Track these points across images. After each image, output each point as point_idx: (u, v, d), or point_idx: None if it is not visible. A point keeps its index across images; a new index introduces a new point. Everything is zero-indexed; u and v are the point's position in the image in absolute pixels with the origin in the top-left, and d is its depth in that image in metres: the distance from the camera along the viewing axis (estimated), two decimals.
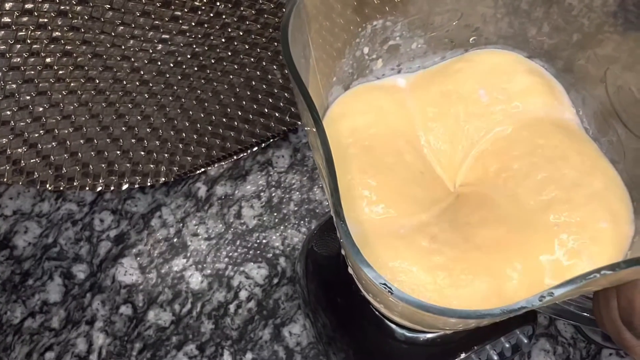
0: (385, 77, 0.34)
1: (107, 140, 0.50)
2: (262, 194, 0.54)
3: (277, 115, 0.54)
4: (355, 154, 0.32)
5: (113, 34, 0.46)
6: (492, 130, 0.32)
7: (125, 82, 0.48)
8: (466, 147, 0.32)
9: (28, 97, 0.46)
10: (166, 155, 0.52)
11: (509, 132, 0.32)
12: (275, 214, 0.53)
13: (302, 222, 0.53)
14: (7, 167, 0.47)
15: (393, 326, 0.40)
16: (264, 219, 0.53)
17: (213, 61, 0.50)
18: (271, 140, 0.54)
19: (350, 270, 0.29)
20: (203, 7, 0.46)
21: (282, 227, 0.53)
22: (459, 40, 0.33)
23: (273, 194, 0.54)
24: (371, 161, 0.31)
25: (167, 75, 0.50)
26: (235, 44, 0.50)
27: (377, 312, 0.40)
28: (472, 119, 0.32)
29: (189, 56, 0.49)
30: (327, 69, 0.31)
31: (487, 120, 0.32)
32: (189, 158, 0.53)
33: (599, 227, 0.29)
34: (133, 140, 0.51)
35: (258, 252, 0.52)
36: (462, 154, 0.32)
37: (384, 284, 0.22)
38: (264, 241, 0.52)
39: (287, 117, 0.54)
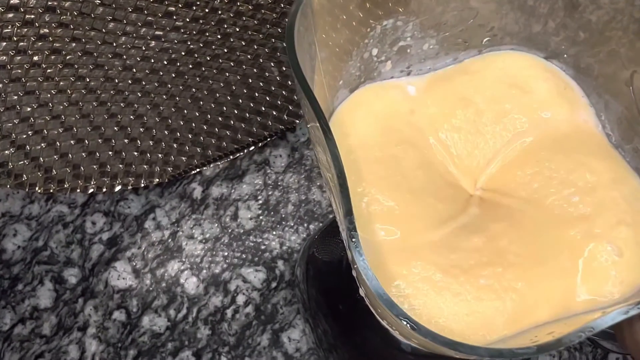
0: (393, 79, 0.31)
1: (99, 140, 0.47)
2: (259, 194, 0.51)
3: (274, 113, 0.51)
4: (364, 165, 0.29)
5: (104, 30, 0.43)
6: (512, 141, 0.29)
7: (117, 81, 0.45)
8: (484, 156, 0.30)
9: (15, 97, 0.43)
10: (160, 155, 0.49)
11: (530, 144, 0.29)
12: (272, 215, 0.50)
13: (300, 223, 0.50)
14: None
15: (399, 337, 0.38)
16: (262, 220, 0.50)
17: (208, 58, 0.47)
18: (268, 139, 0.51)
19: (362, 292, 0.27)
20: (198, 3, 0.43)
21: (280, 229, 0.50)
22: (473, 40, 0.30)
23: (270, 195, 0.51)
24: (382, 172, 0.29)
25: (161, 73, 0.46)
26: (232, 40, 0.47)
27: (382, 323, 0.38)
28: (490, 127, 0.30)
29: (183, 53, 0.46)
30: (333, 72, 0.28)
31: (506, 129, 0.30)
32: (183, 158, 0.50)
33: (622, 239, 0.27)
34: (126, 141, 0.48)
35: (255, 255, 0.49)
36: (480, 162, 0.30)
37: (407, 319, 0.19)
38: (262, 244, 0.50)
39: (285, 116, 0.51)
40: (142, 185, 0.50)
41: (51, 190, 0.47)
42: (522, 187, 0.29)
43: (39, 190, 0.46)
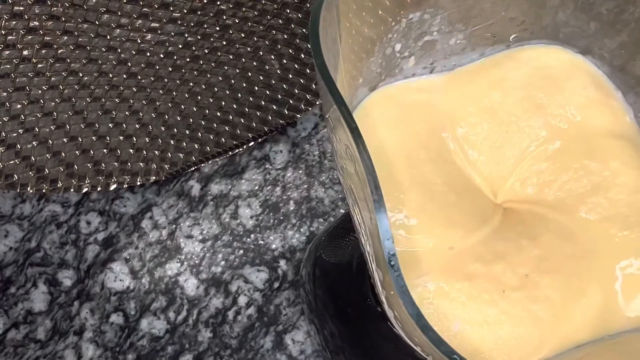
0: (415, 76, 0.28)
1: (93, 138, 0.44)
2: (259, 192, 0.48)
3: (274, 108, 0.47)
4: (385, 169, 0.26)
5: (97, 22, 0.39)
6: (542, 143, 0.27)
7: (111, 75, 0.42)
8: (511, 160, 0.27)
9: (4, 94, 0.39)
10: (157, 152, 0.46)
11: (561, 147, 0.26)
12: (274, 213, 0.47)
13: (302, 222, 0.47)
14: None
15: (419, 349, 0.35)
16: (262, 218, 0.47)
17: (207, 51, 0.44)
18: (268, 134, 0.48)
19: (389, 315, 0.24)
20: None
21: (281, 228, 0.47)
22: (502, 34, 0.27)
23: (271, 192, 0.48)
24: (404, 176, 0.26)
25: (157, 67, 0.43)
26: (231, 32, 0.43)
27: (395, 330, 0.35)
28: (519, 128, 0.27)
29: (180, 46, 0.43)
30: (353, 69, 0.25)
31: (536, 130, 0.27)
32: (181, 155, 0.47)
33: None
34: (121, 137, 0.45)
35: (257, 254, 0.46)
36: (507, 166, 0.27)
37: (456, 357, 0.17)
38: (263, 243, 0.47)
39: (285, 110, 0.48)
40: (138, 183, 0.46)
41: (44, 190, 0.43)
42: (553, 194, 0.26)
43: (31, 191, 0.43)
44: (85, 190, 0.45)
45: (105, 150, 0.44)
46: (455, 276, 0.24)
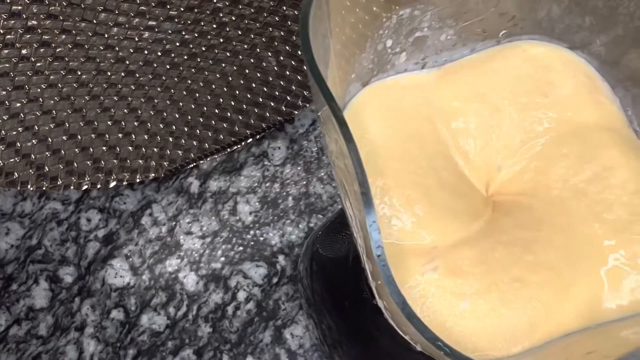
0: (407, 72, 0.28)
1: (92, 135, 0.44)
2: (257, 188, 0.48)
3: (272, 104, 0.48)
4: (378, 162, 0.26)
5: (95, 21, 0.40)
6: (532, 138, 0.27)
7: (109, 74, 0.42)
8: (501, 153, 0.27)
9: (4, 93, 0.39)
10: (155, 149, 0.46)
11: (551, 142, 0.27)
12: (272, 209, 0.48)
13: (301, 217, 0.47)
14: None
15: (408, 338, 0.35)
16: (261, 214, 0.48)
17: (204, 49, 0.44)
18: (266, 131, 0.48)
19: (380, 304, 0.24)
20: None
21: (280, 223, 0.47)
22: (493, 30, 0.27)
23: (269, 188, 0.48)
24: (397, 169, 0.26)
25: (155, 65, 0.43)
26: (228, 30, 0.44)
27: (391, 323, 0.35)
28: (509, 123, 0.27)
29: (177, 44, 0.43)
30: (346, 65, 0.26)
31: (525, 125, 0.27)
32: (179, 152, 0.47)
33: None
34: (120, 135, 0.45)
35: (256, 250, 0.47)
36: (497, 160, 0.27)
37: (441, 345, 0.17)
38: (262, 238, 0.47)
39: (283, 107, 0.48)
40: (138, 180, 0.47)
41: (44, 188, 0.44)
42: (544, 187, 0.27)
43: (31, 188, 0.43)
44: (85, 187, 0.45)
45: (104, 148, 0.45)
46: (442, 268, 0.24)
